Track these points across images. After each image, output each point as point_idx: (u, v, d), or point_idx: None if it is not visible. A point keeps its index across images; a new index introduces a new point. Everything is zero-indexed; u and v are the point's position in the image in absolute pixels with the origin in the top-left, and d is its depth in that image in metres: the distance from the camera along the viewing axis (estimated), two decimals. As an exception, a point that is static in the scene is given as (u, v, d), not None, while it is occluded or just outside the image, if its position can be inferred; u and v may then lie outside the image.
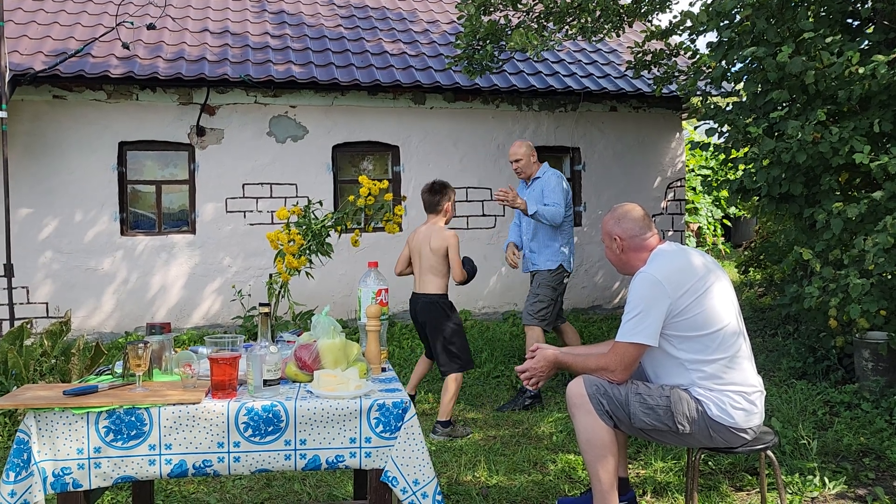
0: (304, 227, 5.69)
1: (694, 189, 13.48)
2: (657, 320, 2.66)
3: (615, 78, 8.64)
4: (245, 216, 7.78)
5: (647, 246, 2.84)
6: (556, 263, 5.12)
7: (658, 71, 7.27)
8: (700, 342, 2.69)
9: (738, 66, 5.41)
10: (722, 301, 2.74)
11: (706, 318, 2.68)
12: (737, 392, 2.69)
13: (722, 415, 2.67)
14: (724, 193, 5.69)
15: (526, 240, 5.29)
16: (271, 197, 7.86)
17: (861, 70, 4.21)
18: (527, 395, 4.98)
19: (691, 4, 6.26)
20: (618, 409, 2.72)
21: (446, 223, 4.55)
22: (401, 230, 5.75)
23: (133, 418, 2.16)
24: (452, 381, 4.44)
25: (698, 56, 6.37)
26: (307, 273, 5.98)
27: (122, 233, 7.51)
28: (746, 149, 5.22)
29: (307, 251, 5.69)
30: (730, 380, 2.70)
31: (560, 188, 5.08)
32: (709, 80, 6.00)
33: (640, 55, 7.08)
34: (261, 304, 2.39)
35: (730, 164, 5.67)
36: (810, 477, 3.51)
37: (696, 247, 12.78)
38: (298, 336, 2.79)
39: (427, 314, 4.51)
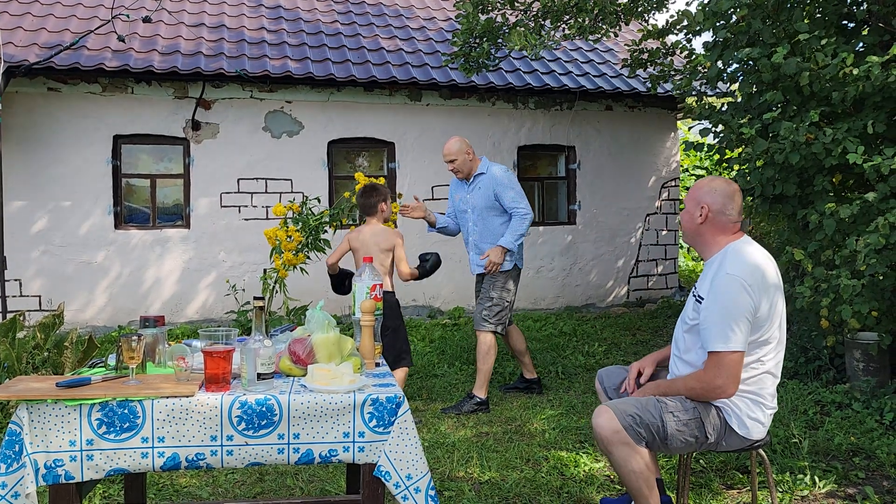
0: (301, 223, 5.69)
1: (688, 188, 13.51)
2: (749, 325, 2.57)
3: (611, 77, 8.66)
4: (240, 211, 7.77)
5: (730, 230, 2.71)
6: (510, 265, 4.90)
7: (654, 70, 7.28)
8: (761, 345, 2.62)
9: (734, 66, 5.43)
10: (783, 307, 2.69)
11: (773, 322, 2.62)
12: (758, 403, 2.64)
13: (740, 424, 2.63)
14: (719, 193, 5.71)
15: (473, 240, 4.99)
16: (266, 192, 7.85)
17: (855, 71, 4.23)
18: (474, 402, 4.84)
19: (688, 4, 6.27)
20: (653, 435, 2.62)
21: (384, 222, 4.60)
22: (395, 226, 5.75)
23: (126, 411, 2.15)
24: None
25: (694, 56, 6.38)
26: (301, 269, 5.98)
27: (116, 226, 7.49)
28: (740, 149, 5.24)
29: (305, 247, 5.69)
30: (760, 389, 2.64)
31: (514, 183, 4.90)
32: (704, 81, 6.01)
33: (637, 54, 7.09)
34: (255, 298, 2.38)
35: (724, 164, 5.69)
36: (801, 476, 3.54)
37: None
38: (291, 331, 2.79)
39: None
